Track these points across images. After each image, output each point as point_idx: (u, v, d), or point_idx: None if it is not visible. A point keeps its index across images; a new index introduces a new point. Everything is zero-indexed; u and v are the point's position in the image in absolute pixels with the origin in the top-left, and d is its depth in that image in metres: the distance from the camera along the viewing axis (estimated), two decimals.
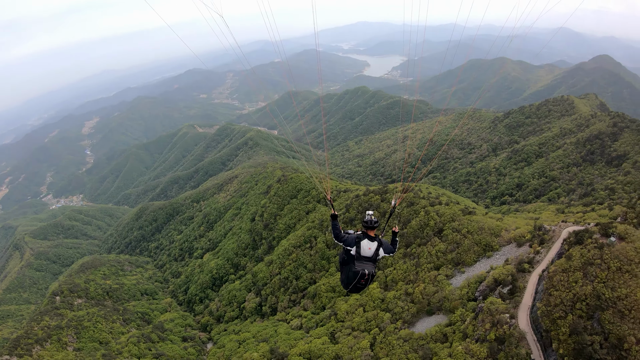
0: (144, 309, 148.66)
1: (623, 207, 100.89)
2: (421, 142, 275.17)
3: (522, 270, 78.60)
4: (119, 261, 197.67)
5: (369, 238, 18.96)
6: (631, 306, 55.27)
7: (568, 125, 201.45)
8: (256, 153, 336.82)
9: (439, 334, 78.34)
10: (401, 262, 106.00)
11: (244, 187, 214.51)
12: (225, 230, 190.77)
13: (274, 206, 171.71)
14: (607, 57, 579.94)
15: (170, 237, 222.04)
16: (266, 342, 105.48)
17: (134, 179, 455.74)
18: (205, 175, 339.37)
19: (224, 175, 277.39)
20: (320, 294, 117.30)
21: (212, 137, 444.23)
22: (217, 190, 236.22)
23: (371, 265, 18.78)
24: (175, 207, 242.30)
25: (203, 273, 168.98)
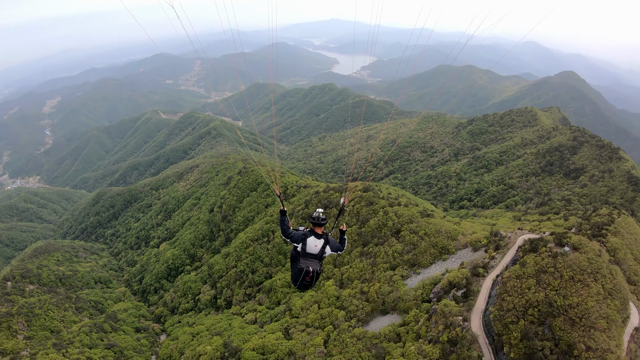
0: (97, 298, 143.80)
1: (578, 218, 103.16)
2: (384, 142, 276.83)
3: (477, 274, 79.25)
4: (73, 247, 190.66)
5: (316, 235, 19.15)
6: (582, 314, 56.87)
7: (530, 136, 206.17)
8: (219, 143, 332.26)
9: (393, 333, 78.58)
10: (357, 261, 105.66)
11: (204, 177, 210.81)
12: (183, 220, 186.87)
13: (234, 198, 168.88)
14: (572, 73, 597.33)
15: (127, 224, 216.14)
16: (220, 336, 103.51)
17: (93, 162, 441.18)
18: (166, 162, 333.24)
19: (185, 163, 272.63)
20: (276, 289, 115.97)
21: (176, 125, 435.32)
22: (177, 178, 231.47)
23: (316, 263, 18.90)
24: (133, 194, 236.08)
25: (159, 263, 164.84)
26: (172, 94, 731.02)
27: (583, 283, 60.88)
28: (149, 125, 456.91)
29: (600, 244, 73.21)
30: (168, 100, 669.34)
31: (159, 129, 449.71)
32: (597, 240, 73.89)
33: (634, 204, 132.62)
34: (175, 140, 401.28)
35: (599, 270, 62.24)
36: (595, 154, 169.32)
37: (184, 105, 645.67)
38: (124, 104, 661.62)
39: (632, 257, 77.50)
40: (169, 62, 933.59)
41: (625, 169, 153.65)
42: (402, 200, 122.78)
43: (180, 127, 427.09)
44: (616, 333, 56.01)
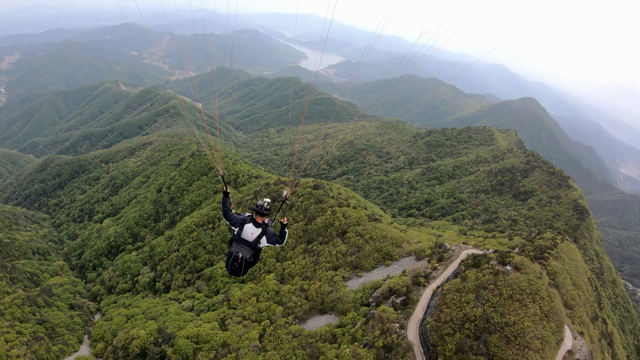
0: (34, 269, 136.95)
1: (522, 239, 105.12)
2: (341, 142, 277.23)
3: (418, 283, 79.12)
4: (14, 214, 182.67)
5: (255, 223, 18.55)
6: (517, 333, 57.46)
7: (485, 154, 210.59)
8: (176, 122, 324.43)
9: (329, 334, 77.70)
10: (300, 258, 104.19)
11: (156, 155, 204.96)
12: (129, 197, 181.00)
13: (183, 180, 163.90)
14: (534, 100, 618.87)
15: (72, 195, 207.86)
16: (155, 321, 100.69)
17: (45, 127, 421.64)
18: (120, 136, 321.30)
19: (139, 139, 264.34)
20: (216, 278, 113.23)
21: (134, 98, 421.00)
22: (128, 154, 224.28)
23: (247, 250, 18.31)
24: (82, 165, 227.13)
25: (100, 239, 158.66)
26: (136, 66, 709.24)
27: (521, 303, 61.51)
28: (107, 96, 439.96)
29: (542, 266, 74.38)
30: (131, 72, 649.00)
31: (117, 100, 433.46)
32: (538, 263, 75.00)
33: (577, 232, 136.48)
34: (132, 114, 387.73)
35: (537, 292, 62.99)
36: (546, 180, 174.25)
37: (146, 79, 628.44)
38: (85, 70, 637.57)
39: (571, 282, 79.22)
40: (138, 32, 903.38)
41: (573, 197, 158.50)
42: (351, 202, 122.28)
43: (139, 101, 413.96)
44: (549, 354, 56.78)
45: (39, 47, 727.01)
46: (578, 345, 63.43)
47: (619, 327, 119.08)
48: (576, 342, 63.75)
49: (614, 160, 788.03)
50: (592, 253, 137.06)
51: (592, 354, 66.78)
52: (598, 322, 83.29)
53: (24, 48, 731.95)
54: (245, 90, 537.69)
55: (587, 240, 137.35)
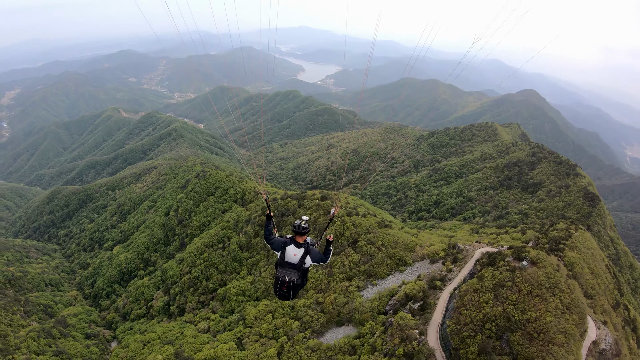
0: (47, 301, 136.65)
1: (536, 232, 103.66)
2: (346, 151, 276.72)
3: (434, 287, 78.01)
4: (25, 247, 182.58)
5: (296, 244, 17.90)
6: (540, 329, 56.14)
7: (489, 151, 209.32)
8: (179, 145, 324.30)
9: (348, 346, 76.48)
10: (313, 270, 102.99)
11: (162, 179, 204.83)
12: (138, 222, 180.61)
13: (190, 202, 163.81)
14: (533, 91, 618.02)
15: (81, 225, 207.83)
16: (171, 345, 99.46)
17: (49, 159, 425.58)
18: (125, 162, 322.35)
19: (144, 164, 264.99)
20: (230, 297, 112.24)
21: (136, 124, 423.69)
22: (134, 179, 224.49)
23: (294, 273, 17.70)
24: (89, 194, 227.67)
25: (112, 266, 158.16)
26: (135, 92, 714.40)
27: (541, 298, 60.44)
28: (109, 123, 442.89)
29: (558, 258, 73.36)
30: (131, 99, 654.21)
31: (119, 127, 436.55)
32: (554, 255, 73.97)
33: (590, 219, 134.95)
34: (135, 140, 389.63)
35: (557, 285, 61.97)
36: (553, 170, 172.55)
37: (146, 104, 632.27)
38: (86, 99, 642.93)
39: (589, 271, 77.97)
40: (135, 59, 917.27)
41: (582, 185, 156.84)
42: (360, 210, 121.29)
43: (141, 126, 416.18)
44: (574, 347, 55.64)
45: (39, 81, 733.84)
46: (602, 335, 62.51)
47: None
48: (600, 332, 62.75)
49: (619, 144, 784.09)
50: (607, 239, 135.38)
51: (617, 342, 65.50)
52: (620, 309, 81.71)
53: (23, 82, 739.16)
54: (246, 107, 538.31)
55: (600, 227, 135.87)
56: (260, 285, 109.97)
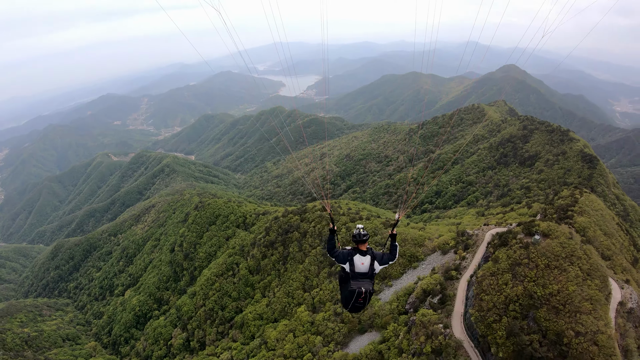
0: (67, 357, 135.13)
1: (541, 204, 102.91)
2: (338, 158, 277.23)
3: (450, 277, 76.94)
4: (36, 306, 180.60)
5: (361, 253, 17.46)
6: (564, 301, 54.95)
7: (480, 132, 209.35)
8: (173, 180, 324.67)
9: (374, 352, 74.92)
10: (327, 282, 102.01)
11: (161, 216, 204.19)
12: (145, 263, 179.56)
13: (193, 234, 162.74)
14: (513, 66, 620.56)
15: (89, 275, 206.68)
16: None
17: (47, 214, 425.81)
18: (122, 206, 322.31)
19: (141, 205, 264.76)
20: (248, 323, 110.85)
21: (128, 166, 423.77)
22: (134, 221, 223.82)
23: (368, 282, 17.24)
24: (92, 243, 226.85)
25: (126, 311, 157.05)
26: (122, 134, 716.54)
27: (560, 269, 59.37)
28: (101, 170, 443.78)
29: (569, 226, 72.56)
30: (118, 142, 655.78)
31: (111, 172, 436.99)
32: (565, 223, 73.26)
33: (592, 181, 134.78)
34: (129, 182, 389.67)
35: (573, 253, 60.95)
36: (547, 139, 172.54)
37: (134, 145, 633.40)
38: (74, 149, 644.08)
39: (602, 233, 77.36)
40: (117, 102, 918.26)
41: (578, 148, 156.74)
42: (363, 214, 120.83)
43: (133, 168, 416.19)
44: (602, 312, 54.29)
45: (25, 138, 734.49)
46: (627, 294, 61.64)
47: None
48: (625, 292, 61.86)
49: (606, 102, 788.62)
50: (613, 197, 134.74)
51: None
52: (639, 264, 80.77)
53: (10, 142, 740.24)
54: (233, 131, 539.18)
55: (604, 186, 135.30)
56: (276, 306, 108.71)
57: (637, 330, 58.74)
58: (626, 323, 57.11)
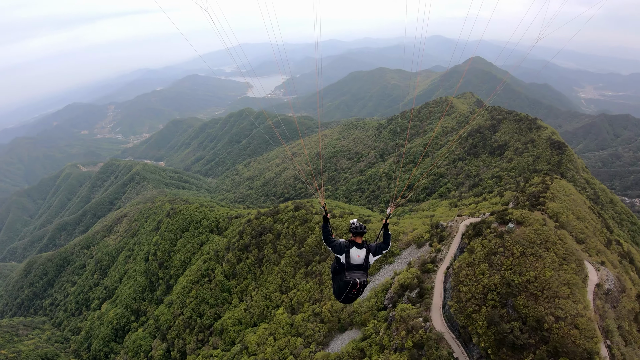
0: None
1: (513, 192, 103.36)
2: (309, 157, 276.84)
3: (427, 270, 76.43)
4: (12, 326, 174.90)
5: (357, 245, 17.71)
6: (542, 287, 55.20)
7: (449, 124, 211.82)
8: (144, 188, 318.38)
9: (356, 350, 73.91)
10: (304, 283, 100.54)
11: (134, 225, 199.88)
12: (120, 274, 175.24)
13: (167, 242, 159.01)
14: (479, 58, 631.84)
15: (64, 290, 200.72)
16: None
17: (18, 230, 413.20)
18: (94, 217, 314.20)
19: (113, 215, 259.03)
20: (227, 329, 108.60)
21: (97, 176, 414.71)
22: (106, 232, 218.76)
23: (362, 274, 17.47)
24: (64, 257, 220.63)
25: (103, 325, 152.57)
26: (90, 144, 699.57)
27: (536, 255, 59.58)
28: (70, 181, 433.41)
29: (542, 212, 72.98)
30: (87, 152, 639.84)
31: (80, 183, 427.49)
32: (538, 210, 73.66)
33: (562, 167, 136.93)
34: (99, 192, 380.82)
35: (548, 239, 61.24)
36: (515, 128, 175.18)
37: (103, 154, 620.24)
38: (41, 162, 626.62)
39: (574, 217, 77.97)
40: (82, 111, 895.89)
41: (546, 135, 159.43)
42: (336, 212, 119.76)
43: (103, 177, 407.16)
44: (580, 295, 54.53)
45: None
46: (603, 275, 62.36)
47: (632, 242, 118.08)
48: (601, 274, 62.53)
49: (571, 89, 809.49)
50: (583, 182, 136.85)
51: (620, 279, 65.43)
52: (613, 245, 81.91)
53: None
54: (203, 135, 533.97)
55: (573, 171, 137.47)
56: (254, 310, 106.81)
57: (616, 311, 59.47)
58: (604, 304, 57.58)
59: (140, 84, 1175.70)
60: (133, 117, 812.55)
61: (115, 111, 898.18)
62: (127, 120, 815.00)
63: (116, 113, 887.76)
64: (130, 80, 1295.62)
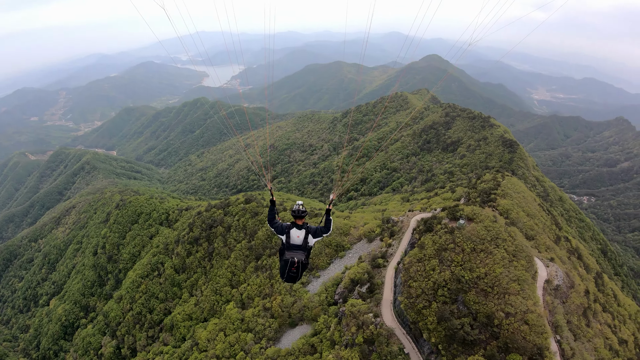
0: None
1: (464, 188, 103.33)
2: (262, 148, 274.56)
3: (377, 265, 75.21)
4: None
5: (297, 227, 18.53)
6: (492, 283, 54.69)
7: (404, 119, 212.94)
8: (94, 178, 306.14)
9: (307, 346, 71.97)
10: (254, 277, 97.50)
11: (82, 217, 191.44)
12: (68, 269, 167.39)
13: (116, 235, 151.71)
14: (436, 56, 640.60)
15: (11, 286, 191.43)
16: None
17: None
18: (42, 208, 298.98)
19: (61, 206, 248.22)
20: (178, 324, 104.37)
21: (46, 165, 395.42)
22: (55, 224, 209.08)
23: (301, 253, 18.29)
24: (11, 250, 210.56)
25: (52, 322, 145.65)
26: (40, 131, 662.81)
27: (486, 252, 58.81)
28: (18, 170, 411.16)
29: (493, 209, 73.15)
30: (36, 139, 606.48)
31: (29, 172, 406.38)
32: (488, 206, 73.61)
33: (513, 164, 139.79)
34: (48, 182, 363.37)
35: (498, 236, 60.56)
36: (469, 126, 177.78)
37: (53, 142, 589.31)
38: None
39: (525, 214, 78.62)
40: (33, 96, 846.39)
41: (499, 134, 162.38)
42: (287, 205, 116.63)
43: (52, 167, 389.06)
44: (530, 292, 54.06)
45: None
46: (553, 271, 62.31)
47: (580, 238, 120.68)
48: (550, 270, 62.51)
49: (524, 90, 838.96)
50: (533, 179, 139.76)
51: (568, 274, 65.60)
52: (561, 242, 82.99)
53: None
54: (156, 124, 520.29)
55: (524, 169, 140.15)
56: (204, 305, 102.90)
57: (565, 306, 59.51)
58: (554, 300, 57.41)
59: (94, 70, 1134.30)
60: (85, 104, 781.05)
61: (67, 97, 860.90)
62: (78, 107, 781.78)
63: (67, 99, 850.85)
64: (83, 65, 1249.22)
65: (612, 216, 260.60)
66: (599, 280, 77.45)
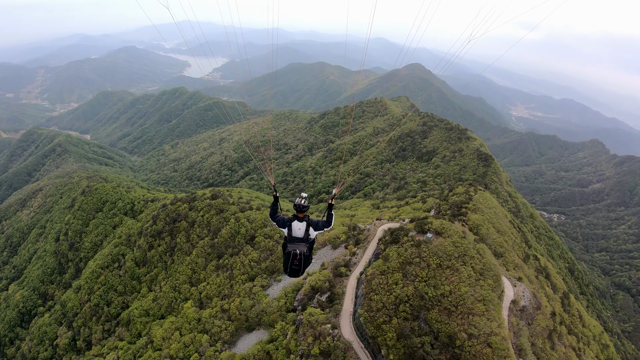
0: None
1: (436, 199, 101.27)
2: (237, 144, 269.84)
3: (340, 274, 71.92)
4: None
5: (299, 219, 18.31)
6: (457, 302, 52.27)
7: (381, 125, 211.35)
8: (65, 161, 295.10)
9: (262, 352, 68.59)
10: (214, 276, 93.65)
11: (48, 201, 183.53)
12: (29, 254, 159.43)
13: (79, 222, 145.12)
14: (419, 65, 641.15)
15: None
16: None
17: None
18: (10, 189, 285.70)
19: (29, 188, 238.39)
20: (134, 320, 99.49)
21: (17, 144, 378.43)
22: (20, 206, 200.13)
23: (303, 246, 18.04)
24: None
25: (9, 308, 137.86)
26: (14, 109, 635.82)
27: (452, 269, 56.40)
28: None
29: (462, 223, 70.48)
30: (9, 117, 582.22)
31: None
32: (458, 220, 70.91)
33: (486, 178, 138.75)
34: (18, 162, 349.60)
35: (466, 253, 58.25)
36: (445, 136, 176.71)
37: (27, 121, 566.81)
38: None
39: (495, 230, 76.39)
40: (9, 73, 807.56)
41: (474, 147, 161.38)
42: (254, 204, 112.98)
43: (23, 146, 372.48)
44: (495, 313, 51.79)
45: None
46: (520, 292, 60.53)
47: (548, 256, 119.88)
48: (517, 290, 60.73)
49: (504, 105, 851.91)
50: (505, 195, 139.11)
51: (535, 295, 64.11)
52: (530, 260, 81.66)
53: None
54: (132, 111, 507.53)
55: (497, 184, 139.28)
56: (162, 301, 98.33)
57: (530, 328, 57.79)
58: (519, 321, 55.53)
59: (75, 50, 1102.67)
60: (63, 84, 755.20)
61: (45, 76, 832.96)
62: (56, 86, 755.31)
63: (45, 78, 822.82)
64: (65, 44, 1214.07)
65: (580, 235, 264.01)
66: (566, 300, 76.11)
